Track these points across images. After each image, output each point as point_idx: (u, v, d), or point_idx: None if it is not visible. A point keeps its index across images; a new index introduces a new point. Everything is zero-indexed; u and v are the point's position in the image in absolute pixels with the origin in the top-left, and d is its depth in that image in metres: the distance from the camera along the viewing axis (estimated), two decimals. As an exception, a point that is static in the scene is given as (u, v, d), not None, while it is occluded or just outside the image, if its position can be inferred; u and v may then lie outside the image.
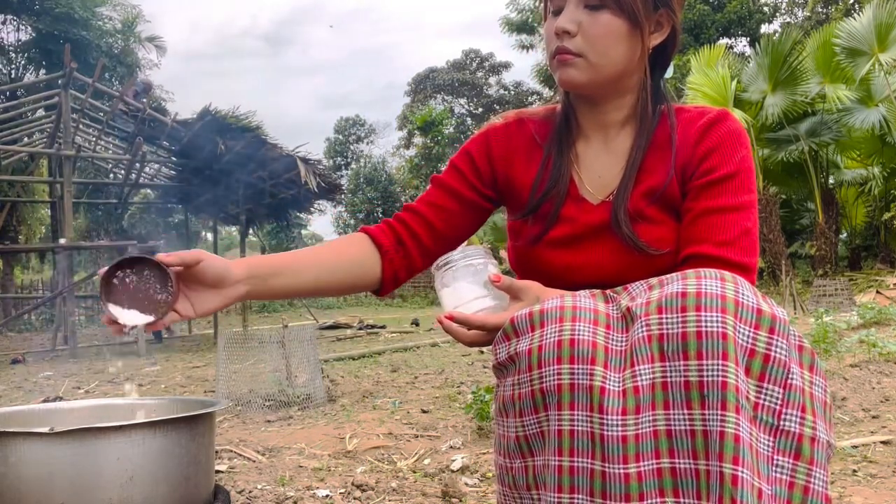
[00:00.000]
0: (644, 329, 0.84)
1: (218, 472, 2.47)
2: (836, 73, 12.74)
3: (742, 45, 25.33)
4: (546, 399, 0.85)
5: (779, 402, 0.80)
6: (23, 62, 18.10)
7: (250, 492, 2.25)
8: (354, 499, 2.17)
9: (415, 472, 2.48)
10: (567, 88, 1.14)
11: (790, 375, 0.81)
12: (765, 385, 0.80)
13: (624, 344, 0.86)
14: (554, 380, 0.84)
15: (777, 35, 14.69)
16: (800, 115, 13.65)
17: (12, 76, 17.74)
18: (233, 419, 3.68)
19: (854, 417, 3.06)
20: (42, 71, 17.24)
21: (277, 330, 4.40)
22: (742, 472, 0.75)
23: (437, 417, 3.45)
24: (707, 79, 13.27)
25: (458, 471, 2.44)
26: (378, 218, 28.67)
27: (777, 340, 0.81)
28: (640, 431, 0.80)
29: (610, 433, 0.80)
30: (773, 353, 0.80)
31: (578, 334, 0.85)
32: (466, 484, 2.28)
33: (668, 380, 0.81)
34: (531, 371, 0.87)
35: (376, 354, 6.99)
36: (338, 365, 6.20)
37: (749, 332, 0.80)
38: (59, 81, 9.41)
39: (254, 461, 2.69)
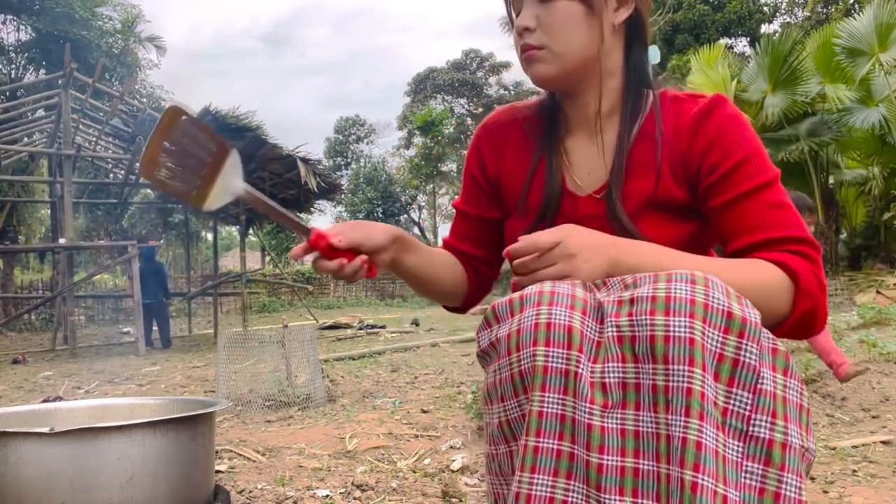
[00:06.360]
0: (614, 330, 0.84)
1: (218, 472, 2.47)
2: (836, 73, 12.72)
3: (742, 45, 25.32)
4: (525, 382, 0.85)
5: (748, 407, 0.80)
6: (23, 62, 18.11)
7: (250, 492, 2.25)
8: (354, 499, 2.17)
9: (415, 472, 2.48)
10: (539, 85, 1.12)
11: (760, 380, 0.80)
12: (734, 390, 0.80)
13: (597, 334, 0.86)
14: (530, 362, 0.85)
15: (777, 35, 14.67)
16: (800, 115, 13.64)
17: (12, 76, 17.74)
18: (233, 419, 3.68)
19: (854, 417, 3.06)
20: (42, 71, 17.26)
21: (277, 330, 4.41)
22: (703, 479, 0.75)
23: (437, 417, 3.45)
24: (707, 79, 13.26)
25: (458, 471, 2.44)
26: (378, 218, 28.69)
27: (747, 345, 0.80)
28: (605, 425, 0.81)
29: (580, 418, 0.81)
30: (742, 358, 0.80)
31: (554, 318, 0.85)
32: (466, 484, 2.28)
33: (640, 381, 0.81)
34: (510, 355, 0.87)
35: (376, 354, 6.99)
36: (338, 365, 6.20)
37: (718, 336, 0.80)
38: (59, 81, 9.42)
39: (254, 461, 2.69)
